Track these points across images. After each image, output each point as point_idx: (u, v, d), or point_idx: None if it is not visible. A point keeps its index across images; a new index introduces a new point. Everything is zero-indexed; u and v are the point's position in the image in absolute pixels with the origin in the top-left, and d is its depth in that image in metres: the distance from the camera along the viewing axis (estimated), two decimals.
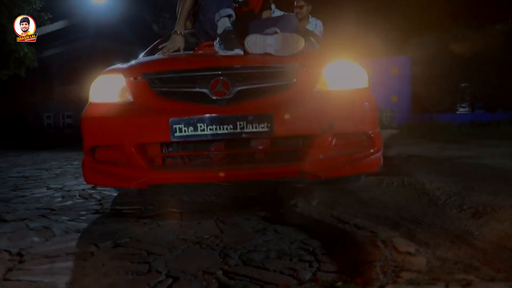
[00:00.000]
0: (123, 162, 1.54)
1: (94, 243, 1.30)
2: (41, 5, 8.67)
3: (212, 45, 1.83)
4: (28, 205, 2.04)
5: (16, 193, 2.46)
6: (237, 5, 2.15)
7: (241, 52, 1.66)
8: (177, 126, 1.42)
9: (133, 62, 1.92)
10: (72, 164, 4.46)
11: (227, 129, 1.41)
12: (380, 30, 13.14)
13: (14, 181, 3.09)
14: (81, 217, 1.72)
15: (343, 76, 1.64)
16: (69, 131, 17.18)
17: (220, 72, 1.51)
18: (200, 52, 1.92)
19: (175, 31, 2.00)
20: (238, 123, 1.41)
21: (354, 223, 1.40)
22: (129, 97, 1.61)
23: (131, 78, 1.62)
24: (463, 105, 12.71)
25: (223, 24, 1.79)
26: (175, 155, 1.58)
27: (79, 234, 1.46)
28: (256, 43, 1.68)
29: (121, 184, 1.66)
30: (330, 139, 1.50)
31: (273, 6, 3.88)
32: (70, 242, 1.35)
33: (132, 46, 16.58)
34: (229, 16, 1.82)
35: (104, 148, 1.62)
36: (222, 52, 1.68)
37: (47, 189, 2.59)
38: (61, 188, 2.61)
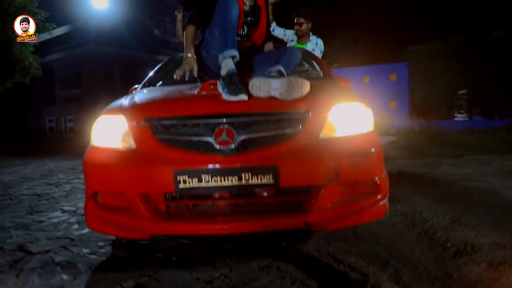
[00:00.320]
0: (126, 209, 1.55)
1: (119, 282, 1.47)
2: (45, 16, 8.83)
3: (216, 84, 1.78)
4: (48, 233, 2.20)
5: (33, 217, 2.62)
6: (239, 38, 2.17)
7: (246, 98, 1.59)
8: (181, 178, 1.42)
9: (136, 98, 1.89)
10: (79, 178, 4.62)
11: (232, 181, 1.42)
12: (380, 38, 13.31)
13: (28, 200, 3.25)
14: (100, 250, 1.89)
15: (349, 120, 1.63)
16: (71, 135, 17.34)
17: (224, 120, 1.50)
18: (203, 93, 1.82)
19: (186, 55, 1.99)
20: (243, 174, 1.41)
21: (348, 263, 1.57)
22: (131, 143, 1.59)
23: (134, 122, 1.60)
24: (461, 111, 12.91)
25: (227, 66, 1.75)
26: (180, 204, 1.57)
27: (103, 271, 1.62)
28: (260, 86, 1.63)
29: (124, 234, 1.65)
30: (336, 188, 1.49)
31: (273, 24, 3.99)
32: (96, 281, 1.52)
33: (134, 51, 16.78)
34: (233, 57, 1.80)
35: (107, 194, 1.63)
36: (226, 97, 1.62)
37: (62, 213, 2.75)
38: (75, 211, 2.77)
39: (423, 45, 11.38)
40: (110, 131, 1.67)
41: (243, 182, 1.42)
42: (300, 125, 1.54)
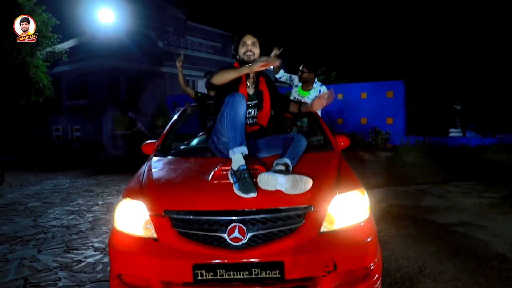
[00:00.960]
0: None
1: None
2: (58, 40, 9.35)
3: (227, 171, 1.92)
4: (90, 276, 2.66)
5: (72, 256, 3.06)
6: (247, 121, 2.29)
7: (255, 195, 1.73)
8: (198, 271, 1.59)
9: (153, 179, 2.03)
10: (97, 205, 5.10)
11: (243, 275, 1.60)
12: (378, 56, 13.82)
13: (60, 234, 3.70)
14: None
15: (347, 210, 1.79)
16: (77, 144, 17.86)
17: (236, 218, 1.67)
18: (215, 182, 1.92)
19: (250, 68, 2.06)
20: (253, 270, 1.59)
21: None
22: (152, 232, 1.74)
23: (154, 212, 1.76)
24: (456, 126, 13.40)
25: (238, 162, 1.87)
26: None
27: None
28: (268, 181, 1.78)
29: None
30: (333, 277, 1.65)
31: (281, 71, 4.32)
32: None
33: (138, 63, 17.29)
34: (242, 152, 1.92)
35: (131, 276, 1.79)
36: (237, 192, 1.76)
37: (94, 251, 3.19)
38: (104, 249, 3.23)
39: (420, 63, 11.85)
40: (132, 217, 1.83)
41: (253, 276, 1.61)
42: (303, 220, 1.70)
